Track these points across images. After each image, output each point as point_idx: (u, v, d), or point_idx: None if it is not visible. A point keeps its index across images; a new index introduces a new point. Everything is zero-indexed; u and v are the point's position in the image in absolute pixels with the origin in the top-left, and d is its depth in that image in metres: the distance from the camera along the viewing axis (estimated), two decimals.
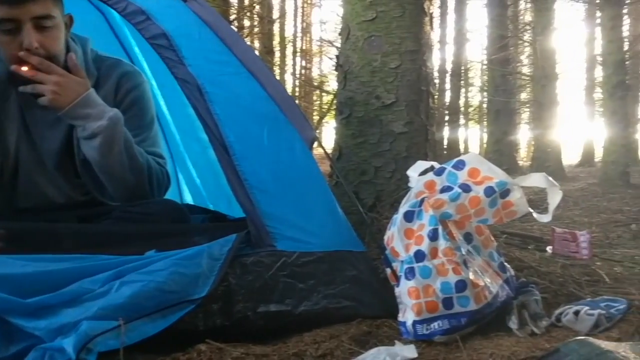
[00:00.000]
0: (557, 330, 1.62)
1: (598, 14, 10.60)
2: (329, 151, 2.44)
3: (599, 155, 17.21)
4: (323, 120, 13.13)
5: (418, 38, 2.47)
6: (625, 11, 9.38)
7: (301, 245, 1.66)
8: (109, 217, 1.74)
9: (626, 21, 11.52)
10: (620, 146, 7.98)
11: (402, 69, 2.43)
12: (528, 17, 18.31)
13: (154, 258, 1.46)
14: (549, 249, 2.89)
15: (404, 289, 1.61)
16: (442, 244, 1.62)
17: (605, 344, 1.28)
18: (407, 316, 1.59)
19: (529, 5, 17.61)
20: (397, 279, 1.66)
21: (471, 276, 1.61)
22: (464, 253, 1.66)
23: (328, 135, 18.22)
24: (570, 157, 19.41)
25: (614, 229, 4.06)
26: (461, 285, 1.57)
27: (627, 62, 8.72)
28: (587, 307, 1.67)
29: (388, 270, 1.72)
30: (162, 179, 1.82)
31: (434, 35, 2.58)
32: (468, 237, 1.80)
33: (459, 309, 1.57)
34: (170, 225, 1.70)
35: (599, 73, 16.10)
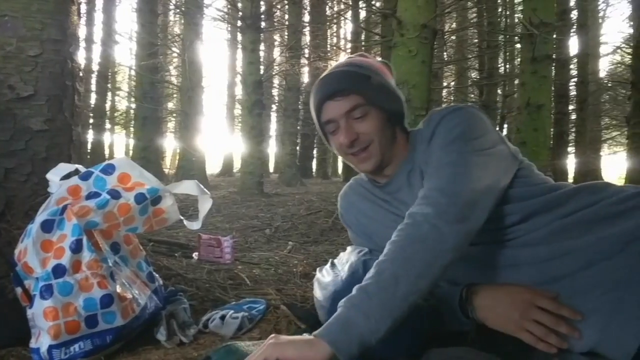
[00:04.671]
0: (204, 337, 1.64)
1: (240, 37, 11.56)
2: None
3: (237, 166, 18.91)
4: None
5: (64, 27, 2.22)
6: (261, 38, 10.45)
7: None
8: None
9: (262, 47, 12.88)
10: (257, 159, 8.89)
11: (44, 58, 2.14)
12: (177, 30, 18.93)
13: None
14: (195, 255, 2.97)
15: (39, 310, 1.40)
16: (86, 256, 1.46)
17: (249, 345, 1.34)
18: (42, 341, 1.38)
19: (177, 18, 18.19)
20: (30, 299, 1.43)
21: (118, 289, 1.50)
22: (110, 265, 1.54)
23: None
24: (212, 167, 20.76)
25: (251, 233, 4.42)
26: (107, 300, 1.44)
27: (263, 83, 9.75)
28: (232, 311, 1.74)
29: (19, 290, 1.48)
30: None
31: (80, 33, 2.36)
32: (115, 247, 1.69)
33: (105, 326, 1.44)
34: None
35: (239, 91, 17.71)
